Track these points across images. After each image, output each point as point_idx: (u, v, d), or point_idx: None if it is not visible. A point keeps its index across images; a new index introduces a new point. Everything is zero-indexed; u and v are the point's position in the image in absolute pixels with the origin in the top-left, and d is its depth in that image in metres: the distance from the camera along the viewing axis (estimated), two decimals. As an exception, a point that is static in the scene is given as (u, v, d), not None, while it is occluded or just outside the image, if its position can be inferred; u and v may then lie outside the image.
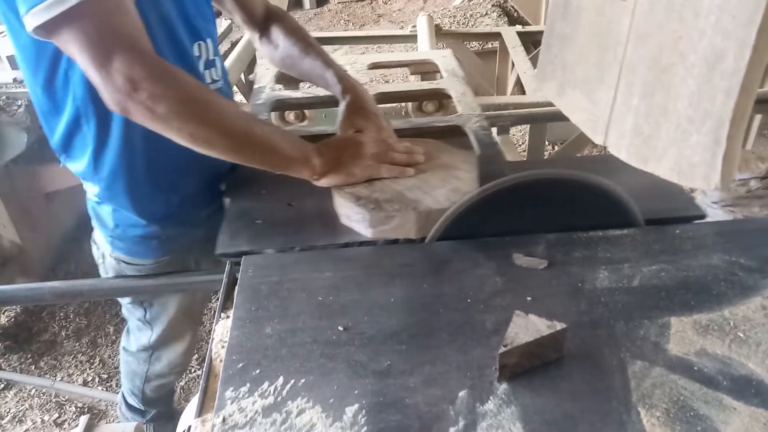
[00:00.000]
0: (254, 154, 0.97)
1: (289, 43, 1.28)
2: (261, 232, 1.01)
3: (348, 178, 1.03)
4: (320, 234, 1.00)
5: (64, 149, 1.12)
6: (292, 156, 0.99)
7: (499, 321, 0.79)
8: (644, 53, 0.85)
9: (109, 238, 1.23)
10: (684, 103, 0.80)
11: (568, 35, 1.03)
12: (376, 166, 1.04)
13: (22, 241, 2.40)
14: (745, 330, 0.77)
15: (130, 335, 1.55)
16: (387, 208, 0.97)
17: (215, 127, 0.92)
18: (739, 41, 0.70)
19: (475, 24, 4.19)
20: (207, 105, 0.91)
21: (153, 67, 0.86)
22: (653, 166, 0.87)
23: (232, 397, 0.70)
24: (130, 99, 0.84)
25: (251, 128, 0.96)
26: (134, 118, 0.88)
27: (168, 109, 0.86)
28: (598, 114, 0.96)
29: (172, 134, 0.90)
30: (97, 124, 1.04)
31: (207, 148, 0.93)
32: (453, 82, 1.64)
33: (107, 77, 0.83)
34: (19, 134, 2.17)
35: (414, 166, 1.07)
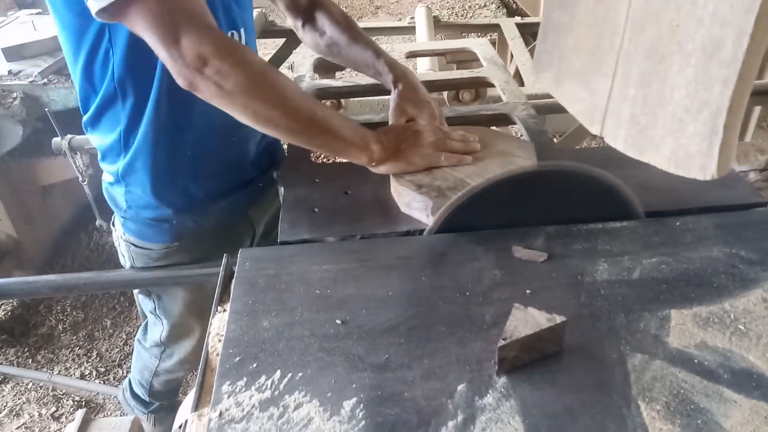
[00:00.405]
0: (316, 136, 0.97)
1: (336, 30, 1.27)
2: (320, 220, 1.01)
3: (407, 166, 1.03)
4: (380, 222, 1.00)
5: (92, 124, 1.14)
6: (352, 141, 0.99)
7: (498, 314, 0.78)
8: (641, 42, 0.84)
9: (122, 219, 1.24)
10: (681, 92, 0.79)
11: (564, 24, 1.02)
12: (435, 155, 1.04)
13: (18, 234, 2.39)
14: (745, 323, 0.77)
15: (147, 330, 1.56)
16: (450, 196, 0.96)
17: (279, 106, 0.92)
18: (737, 29, 0.69)
19: (473, 15, 4.17)
20: (272, 84, 0.92)
21: (221, 43, 0.87)
22: (650, 156, 0.86)
23: (228, 392, 0.69)
24: (199, 74, 0.86)
25: (314, 110, 0.96)
26: (201, 94, 0.89)
27: (235, 85, 0.87)
28: (595, 104, 0.95)
29: (236, 111, 0.91)
30: (133, 104, 1.06)
31: (270, 127, 0.94)
32: (494, 70, 1.62)
33: (176, 53, 0.85)
34: (15, 127, 2.15)
35: (471, 153, 1.06)
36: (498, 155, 1.07)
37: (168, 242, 1.25)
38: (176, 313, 1.43)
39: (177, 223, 1.23)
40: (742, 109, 0.75)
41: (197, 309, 1.47)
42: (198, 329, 1.52)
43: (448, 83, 1.63)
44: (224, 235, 1.30)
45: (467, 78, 1.62)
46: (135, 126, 1.09)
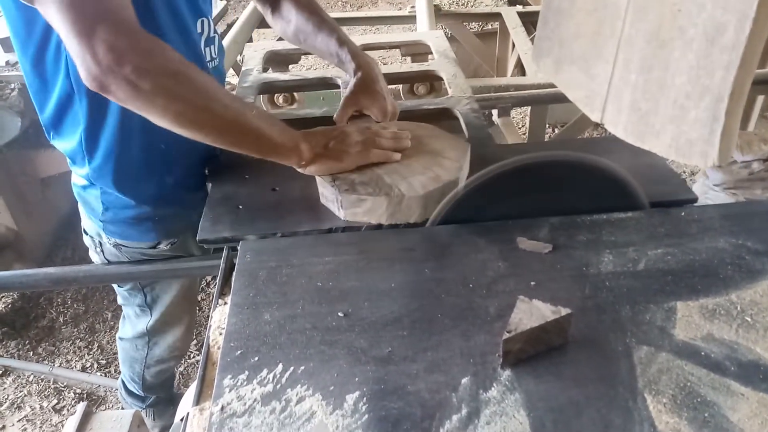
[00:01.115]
0: (242, 138, 0.93)
1: (301, 18, 1.25)
2: (244, 217, 1.00)
3: (336, 165, 1.01)
4: (303, 219, 0.99)
5: (53, 127, 1.08)
6: (279, 142, 0.96)
7: (502, 306, 0.77)
8: (642, 27, 0.83)
9: (100, 223, 1.20)
10: (682, 78, 0.78)
11: (565, 10, 1.00)
12: (363, 153, 1.02)
13: (17, 226, 2.38)
14: (752, 314, 0.76)
15: (126, 323, 1.54)
16: (360, 191, 0.96)
17: (203, 106, 0.86)
18: (740, 13, 0.68)
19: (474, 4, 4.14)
20: (196, 84, 0.86)
21: (139, 38, 0.80)
22: (651, 143, 0.85)
23: (230, 385, 0.68)
24: (111, 73, 0.77)
25: (240, 110, 0.91)
26: (113, 96, 0.80)
27: (153, 84, 0.80)
28: (596, 90, 0.94)
29: (155, 112, 0.84)
30: (90, 103, 1.01)
31: (192, 129, 0.87)
32: (444, 63, 1.61)
33: (88, 47, 0.76)
34: (13, 119, 2.13)
35: (401, 150, 1.05)
36: (428, 154, 1.04)
37: (153, 240, 1.23)
38: (167, 303, 1.42)
39: (159, 220, 1.20)
40: (744, 96, 0.74)
41: (187, 298, 1.47)
42: (187, 316, 1.52)
43: (399, 77, 1.62)
44: None
45: (416, 71, 1.61)
46: (98, 125, 1.04)
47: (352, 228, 0.97)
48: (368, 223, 0.97)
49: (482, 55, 2.98)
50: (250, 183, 1.10)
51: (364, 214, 0.97)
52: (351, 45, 1.22)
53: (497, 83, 1.90)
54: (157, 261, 1.25)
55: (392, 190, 0.95)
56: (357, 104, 1.15)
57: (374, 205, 0.95)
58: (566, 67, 1.02)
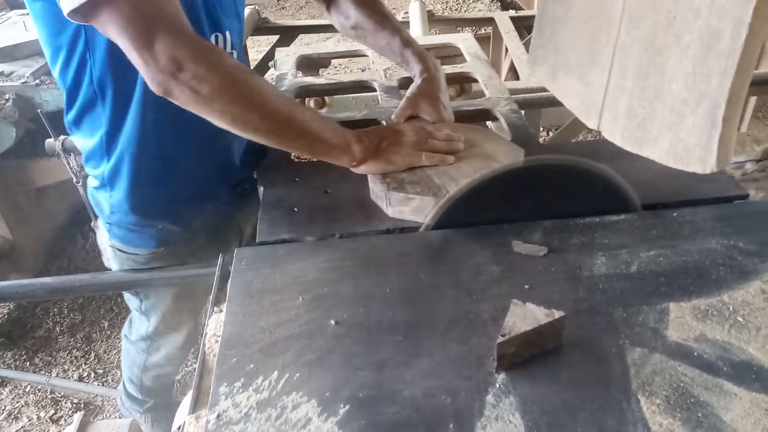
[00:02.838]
0: (295, 139, 0.96)
1: (361, 14, 1.26)
2: (300, 219, 1.00)
3: (387, 166, 1.02)
4: (359, 221, 0.99)
5: (75, 124, 1.12)
6: (332, 143, 0.98)
7: (496, 310, 0.78)
8: (638, 34, 0.84)
9: (107, 224, 1.23)
10: (679, 84, 0.78)
11: (560, 17, 1.01)
12: (416, 154, 1.03)
13: (13, 236, 2.37)
14: (744, 314, 0.76)
15: (132, 324, 1.55)
16: (408, 189, 0.97)
17: (258, 110, 0.91)
18: (735, 20, 0.69)
19: (467, 9, 4.16)
20: (250, 87, 0.90)
21: (196, 47, 0.85)
22: (648, 150, 0.86)
23: (226, 393, 0.68)
24: (174, 80, 0.83)
25: (293, 113, 0.94)
26: (177, 100, 0.86)
27: (211, 90, 0.85)
28: (592, 97, 0.95)
29: (214, 116, 0.89)
30: (113, 107, 1.04)
31: (249, 131, 0.92)
32: (478, 65, 1.61)
33: (150, 58, 0.82)
34: (8, 129, 2.13)
35: (455, 153, 1.05)
36: (479, 157, 1.05)
37: (153, 247, 1.24)
38: (163, 310, 1.42)
39: (163, 228, 1.21)
40: (742, 101, 0.74)
41: (186, 307, 1.47)
42: (186, 325, 1.52)
43: None
44: (211, 238, 1.29)
45: (451, 74, 1.61)
46: (117, 129, 1.07)
47: (410, 229, 0.97)
48: (416, 222, 0.97)
49: (476, 60, 2.98)
50: (301, 186, 1.10)
51: (411, 213, 0.98)
52: (416, 45, 1.23)
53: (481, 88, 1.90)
54: (153, 269, 1.25)
55: (440, 191, 0.96)
56: (416, 107, 1.16)
57: (421, 204, 0.96)
58: (562, 75, 1.03)
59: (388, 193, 0.98)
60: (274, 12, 5.68)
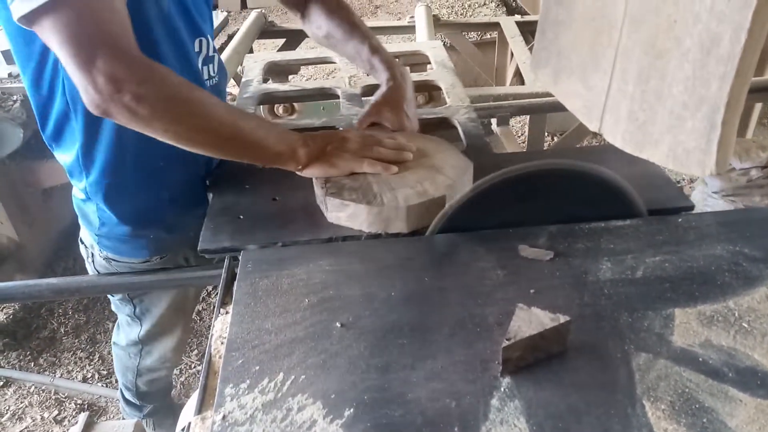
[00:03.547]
0: (240, 150, 0.97)
1: (332, 23, 1.26)
2: (244, 227, 1.00)
3: (330, 170, 1.02)
4: (304, 229, 0.99)
5: (54, 140, 1.11)
6: (277, 149, 0.99)
7: (501, 314, 0.78)
8: (639, 38, 0.84)
9: (96, 237, 1.22)
10: (679, 88, 0.79)
11: (562, 21, 1.02)
12: (358, 160, 1.03)
13: (19, 237, 2.38)
14: (749, 321, 0.76)
15: (120, 330, 1.55)
16: (345, 196, 0.97)
17: (200, 125, 0.90)
18: (735, 25, 0.69)
19: (473, 14, 4.17)
20: (192, 104, 0.89)
21: (137, 66, 0.83)
22: (648, 153, 0.86)
23: (231, 394, 0.69)
24: (111, 101, 0.82)
25: (237, 124, 0.94)
26: (116, 120, 0.85)
27: (151, 110, 0.84)
28: (593, 100, 0.95)
29: (156, 134, 0.88)
30: (86, 120, 1.03)
31: (192, 146, 0.92)
32: (443, 73, 1.62)
33: (88, 76, 0.80)
34: (15, 130, 2.15)
35: (401, 163, 1.05)
36: (425, 168, 1.05)
37: (146, 257, 1.24)
38: (157, 314, 1.43)
39: (154, 237, 1.21)
40: (741, 105, 0.75)
41: (180, 309, 1.47)
42: (179, 328, 1.52)
43: None
44: None
45: (417, 81, 1.62)
46: (92, 142, 1.05)
47: (353, 237, 0.97)
48: (359, 231, 0.98)
49: (481, 65, 2.99)
50: (251, 193, 1.10)
51: (347, 219, 0.98)
52: (384, 53, 1.23)
53: (496, 92, 1.92)
54: (158, 271, 1.26)
55: (375, 199, 0.96)
56: (379, 114, 1.17)
57: (356, 211, 0.97)
58: (564, 78, 1.04)
59: (326, 198, 0.99)
60: (280, 16, 5.70)
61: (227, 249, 0.96)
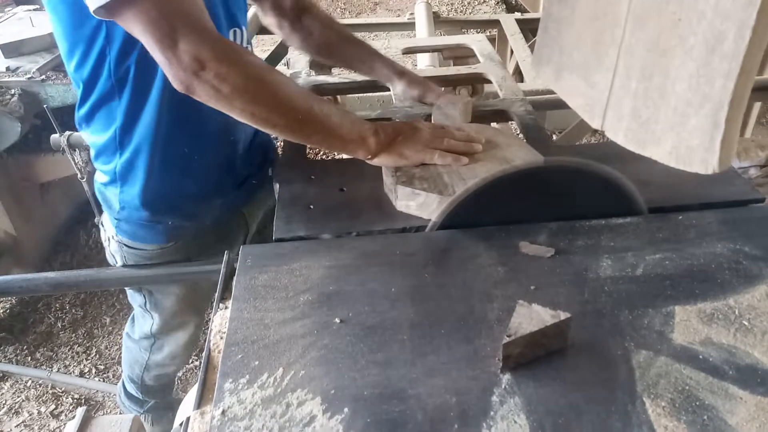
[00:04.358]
0: (314, 134, 0.98)
1: (327, 31, 1.33)
2: (316, 217, 1.01)
3: (399, 159, 1.03)
4: (376, 219, 0.99)
5: (86, 121, 1.12)
6: (349, 137, 1.00)
7: (502, 311, 0.78)
8: (643, 36, 0.84)
9: (115, 220, 1.23)
10: (683, 86, 0.78)
11: (565, 18, 1.01)
12: (428, 151, 1.04)
13: (16, 231, 2.38)
14: (750, 318, 0.76)
15: (134, 322, 1.55)
16: (416, 185, 0.98)
17: (277, 107, 0.93)
18: (739, 23, 0.69)
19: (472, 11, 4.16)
20: (270, 85, 0.92)
21: (218, 46, 0.87)
22: (651, 151, 0.86)
23: (231, 389, 0.68)
24: (196, 78, 0.85)
25: (311, 108, 0.96)
26: (199, 98, 0.89)
27: (232, 88, 0.87)
28: (596, 98, 0.95)
29: (234, 113, 0.91)
30: (130, 101, 1.05)
31: (269, 126, 0.95)
32: (491, 66, 1.62)
33: (173, 57, 0.84)
34: (13, 124, 2.14)
35: (471, 154, 1.05)
36: (497, 161, 1.05)
37: (163, 243, 1.24)
38: (168, 308, 1.43)
39: (172, 224, 1.22)
40: (744, 103, 0.74)
41: (191, 304, 1.47)
42: (191, 324, 1.52)
43: (444, 79, 1.62)
44: (218, 232, 1.30)
45: (464, 74, 1.62)
46: (132, 124, 1.08)
47: (423, 227, 0.97)
48: (429, 220, 0.97)
49: (481, 62, 2.98)
50: (317, 183, 1.10)
51: (417, 208, 0.98)
52: (382, 55, 1.33)
53: (493, 89, 1.90)
54: (157, 265, 1.26)
55: (447, 189, 0.96)
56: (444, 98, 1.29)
57: (427, 200, 0.97)
58: (566, 75, 1.03)
59: (396, 186, 0.99)
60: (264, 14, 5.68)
61: (302, 238, 0.96)
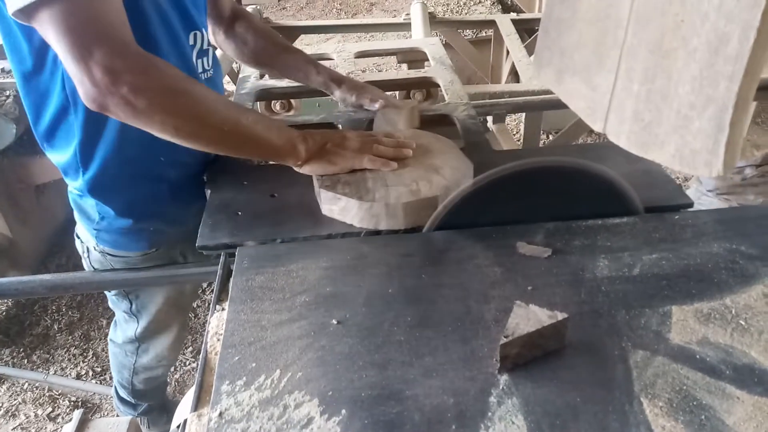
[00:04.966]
0: (240, 144, 0.96)
1: (262, 40, 1.33)
2: (242, 224, 1.00)
3: (329, 167, 1.02)
4: (303, 225, 0.99)
5: (47, 139, 1.09)
6: (277, 145, 0.99)
7: (499, 311, 0.78)
8: (645, 37, 0.84)
9: (94, 231, 1.21)
10: (686, 88, 0.78)
11: (566, 20, 1.01)
12: (358, 157, 1.03)
13: (12, 233, 2.37)
14: (746, 318, 0.76)
15: (117, 327, 1.54)
16: (338, 189, 0.98)
17: (200, 119, 0.90)
18: (744, 24, 0.69)
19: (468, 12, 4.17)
20: (191, 96, 0.89)
21: (134, 58, 0.83)
22: (654, 154, 0.86)
23: (228, 391, 0.68)
24: (109, 93, 0.81)
25: (237, 119, 0.94)
26: (113, 114, 0.84)
27: (149, 101, 0.83)
28: (598, 100, 0.95)
29: (154, 128, 0.87)
30: (86, 116, 1.02)
31: (192, 141, 0.91)
32: (441, 70, 1.62)
33: (85, 69, 0.80)
34: (8, 126, 2.13)
35: (400, 160, 1.05)
36: (423, 168, 1.04)
37: (145, 249, 1.24)
38: (154, 311, 1.42)
39: (154, 230, 1.21)
40: (749, 106, 0.74)
41: (176, 306, 1.46)
42: (176, 326, 1.51)
43: (394, 83, 1.63)
44: None
45: (413, 78, 1.62)
46: (93, 138, 1.04)
47: (350, 234, 0.97)
48: (360, 228, 0.97)
49: (477, 62, 2.99)
50: (249, 189, 1.10)
51: (339, 213, 0.99)
52: (318, 63, 1.35)
53: (492, 90, 1.91)
54: (153, 268, 1.25)
55: (368, 195, 0.96)
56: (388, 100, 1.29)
57: (347, 205, 0.97)
58: (568, 78, 1.03)
59: (320, 191, 1.00)
60: (275, 12, 5.68)
61: (226, 245, 0.95)
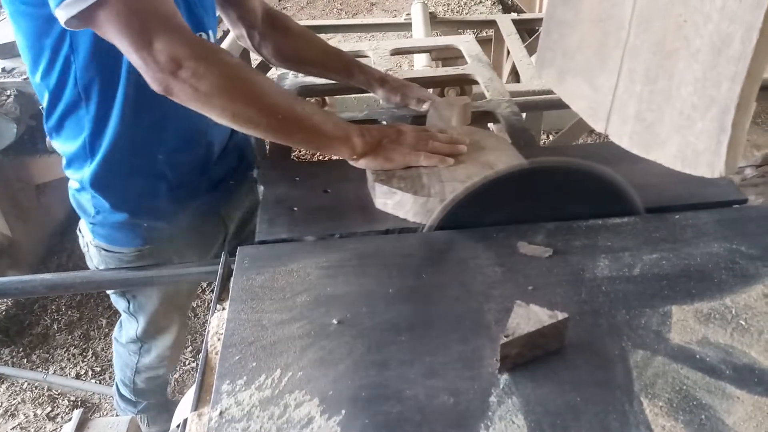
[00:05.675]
0: (296, 133, 0.97)
1: (301, 40, 1.34)
2: (299, 219, 1.00)
3: (386, 163, 1.03)
4: (359, 220, 0.99)
5: (56, 130, 1.11)
6: (333, 135, 0.99)
7: (499, 311, 0.78)
8: (647, 38, 0.84)
9: (90, 225, 1.22)
10: (688, 89, 0.78)
11: (568, 21, 1.01)
12: (414, 154, 1.04)
13: (12, 233, 2.37)
14: (746, 318, 0.77)
15: (122, 326, 1.54)
16: (393, 183, 0.98)
17: (258, 105, 0.92)
18: (746, 25, 0.69)
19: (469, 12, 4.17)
20: (249, 84, 0.91)
21: (195, 45, 0.86)
22: (656, 154, 0.86)
23: (228, 391, 0.68)
24: (174, 78, 0.85)
25: (293, 107, 0.95)
26: (177, 98, 0.88)
27: (211, 87, 0.86)
28: (600, 101, 0.95)
29: (214, 113, 0.90)
30: (97, 108, 1.04)
31: (249, 127, 0.93)
32: (479, 67, 1.62)
33: (149, 58, 0.83)
34: (9, 125, 2.13)
35: (454, 156, 1.05)
36: (478, 164, 1.05)
37: (140, 245, 1.24)
38: (151, 310, 1.42)
39: (148, 226, 1.21)
40: (752, 106, 0.74)
41: (174, 306, 1.46)
42: (175, 326, 1.52)
43: (432, 80, 1.63)
44: (196, 234, 1.29)
45: (452, 75, 1.62)
46: (101, 132, 1.07)
47: (407, 230, 0.97)
48: (415, 223, 0.98)
49: (477, 62, 2.99)
50: (301, 185, 1.10)
51: (393, 208, 0.99)
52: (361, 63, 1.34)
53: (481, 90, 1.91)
54: (153, 267, 1.25)
55: (424, 190, 0.97)
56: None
57: (402, 200, 0.97)
58: (570, 78, 1.03)
59: (374, 184, 1.00)
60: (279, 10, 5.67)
61: (285, 240, 0.96)
